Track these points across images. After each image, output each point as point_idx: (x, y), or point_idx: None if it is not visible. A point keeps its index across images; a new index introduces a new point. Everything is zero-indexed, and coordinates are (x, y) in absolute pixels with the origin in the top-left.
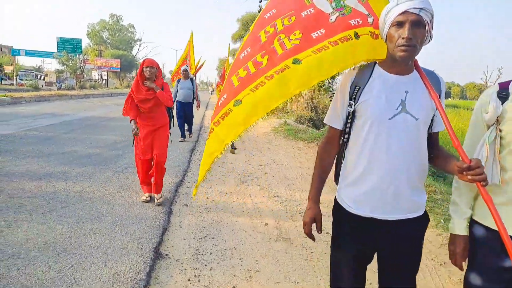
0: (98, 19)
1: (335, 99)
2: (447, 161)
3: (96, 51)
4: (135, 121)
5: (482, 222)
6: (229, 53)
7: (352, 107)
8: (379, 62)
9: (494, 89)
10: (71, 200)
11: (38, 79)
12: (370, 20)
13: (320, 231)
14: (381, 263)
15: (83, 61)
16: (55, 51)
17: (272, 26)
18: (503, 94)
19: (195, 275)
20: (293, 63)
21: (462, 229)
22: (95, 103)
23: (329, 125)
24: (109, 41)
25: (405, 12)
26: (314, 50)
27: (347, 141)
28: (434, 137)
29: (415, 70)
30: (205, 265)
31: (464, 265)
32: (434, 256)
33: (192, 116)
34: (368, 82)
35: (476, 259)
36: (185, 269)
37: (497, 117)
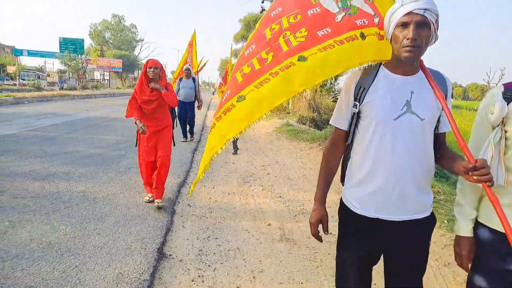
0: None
1: (340, 100)
2: (453, 161)
3: (98, 51)
4: (140, 120)
5: (487, 224)
6: (232, 54)
7: (357, 108)
8: (384, 63)
9: (499, 90)
10: (74, 200)
11: (40, 79)
12: (376, 20)
13: (327, 232)
14: (388, 264)
15: (85, 61)
16: (57, 51)
17: (278, 23)
18: (508, 95)
19: (198, 276)
20: (299, 60)
21: (468, 230)
22: (97, 103)
23: (334, 126)
24: (111, 41)
25: (410, 13)
26: (320, 48)
27: (352, 142)
28: (441, 137)
29: (420, 70)
30: (209, 265)
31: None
32: (438, 256)
33: (194, 116)
34: (373, 83)
35: (480, 261)
36: (188, 269)
37: (502, 118)
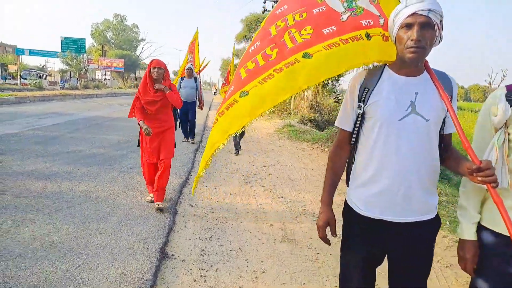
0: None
1: (345, 101)
2: (458, 162)
3: (100, 51)
4: (144, 121)
5: (491, 227)
6: (234, 54)
7: (361, 109)
8: (389, 64)
9: (502, 91)
10: (76, 200)
11: (41, 78)
12: (381, 21)
13: (335, 235)
14: (392, 265)
15: (86, 61)
16: (59, 50)
17: (283, 21)
18: (511, 96)
19: (201, 276)
20: (303, 57)
21: (471, 234)
22: (99, 103)
23: (339, 128)
24: (112, 41)
25: (414, 14)
26: (325, 45)
27: (356, 143)
28: (446, 138)
29: (425, 71)
30: (211, 265)
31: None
32: (440, 258)
33: (195, 116)
34: (377, 84)
35: (483, 264)
36: (191, 269)
37: (506, 120)
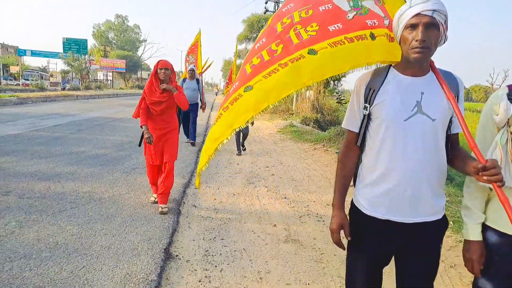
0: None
1: (351, 103)
2: (465, 162)
3: (102, 51)
4: (147, 126)
5: (495, 227)
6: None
7: (367, 110)
8: (394, 64)
9: (504, 91)
10: (80, 200)
11: (43, 79)
12: (386, 22)
13: (350, 237)
14: (399, 266)
15: (88, 61)
16: (60, 51)
17: (289, 18)
18: None
19: (205, 276)
20: (309, 53)
21: (477, 234)
22: (100, 104)
23: (347, 130)
24: (114, 41)
25: (418, 15)
26: (331, 43)
27: (363, 144)
28: (453, 138)
29: (431, 71)
30: (215, 266)
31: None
32: (444, 258)
33: (196, 117)
34: (382, 85)
35: (487, 264)
36: (195, 270)
37: (508, 119)
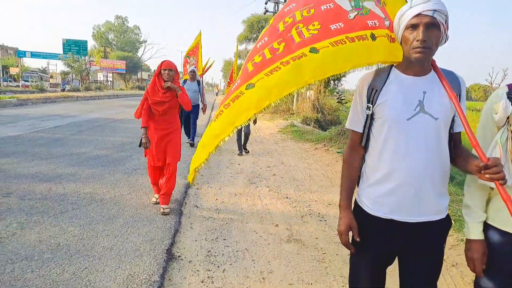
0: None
1: (354, 103)
2: (467, 161)
3: (102, 52)
4: (146, 129)
5: (497, 226)
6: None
7: (370, 110)
8: (396, 64)
9: (503, 90)
10: (81, 201)
11: (43, 80)
12: (387, 23)
13: (358, 238)
14: (402, 266)
15: (88, 62)
16: (60, 52)
17: (291, 17)
18: None
19: (208, 277)
20: (310, 52)
21: (478, 233)
22: (101, 105)
23: (351, 130)
24: (114, 42)
25: (419, 15)
26: (332, 42)
27: (366, 144)
28: (456, 137)
29: (432, 70)
30: (218, 266)
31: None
32: (446, 257)
33: (197, 119)
34: (385, 85)
35: (490, 263)
36: (198, 270)
37: (508, 118)
